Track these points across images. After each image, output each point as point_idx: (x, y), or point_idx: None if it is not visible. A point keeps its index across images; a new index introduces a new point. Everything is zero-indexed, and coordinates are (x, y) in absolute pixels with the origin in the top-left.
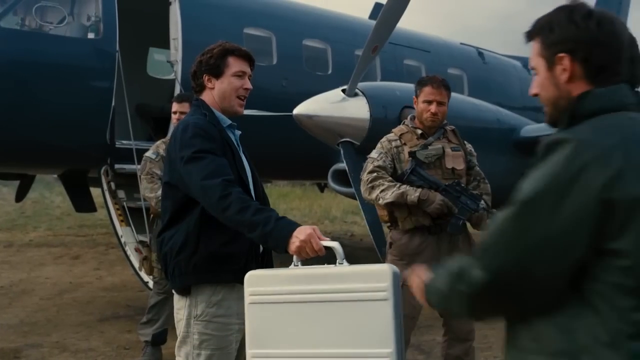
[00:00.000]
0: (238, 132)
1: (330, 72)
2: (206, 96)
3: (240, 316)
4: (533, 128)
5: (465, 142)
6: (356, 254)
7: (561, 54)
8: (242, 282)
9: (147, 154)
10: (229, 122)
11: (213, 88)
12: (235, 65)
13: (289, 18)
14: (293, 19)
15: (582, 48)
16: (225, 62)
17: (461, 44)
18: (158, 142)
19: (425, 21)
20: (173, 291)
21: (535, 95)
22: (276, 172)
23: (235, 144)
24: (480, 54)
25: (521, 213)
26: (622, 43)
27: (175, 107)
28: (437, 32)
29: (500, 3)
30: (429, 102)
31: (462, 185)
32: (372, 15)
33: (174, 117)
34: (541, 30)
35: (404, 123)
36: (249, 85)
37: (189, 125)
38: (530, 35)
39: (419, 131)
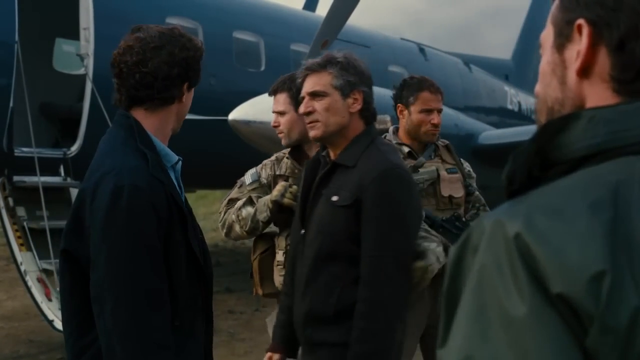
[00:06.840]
0: (179, 166)
1: (263, 68)
2: (161, 114)
3: None
4: (492, 134)
5: (462, 159)
6: None
7: (580, 21)
8: None
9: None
10: (176, 157)
11: (181, 103)
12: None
13: (217, 7)
14: (222, 9)
15: (623, 19)
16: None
17: (401, 39)
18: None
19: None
20: None
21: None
22: (204, 182)
23: (176, 184)
24: (422, 50)
25: None
26: None
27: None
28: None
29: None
30: (429, 111)
31: (463, 219)
32: (306, 6)
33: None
34: None
35: (385, 137)
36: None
37: (123, 191)
38: None
39: (406, 149)
